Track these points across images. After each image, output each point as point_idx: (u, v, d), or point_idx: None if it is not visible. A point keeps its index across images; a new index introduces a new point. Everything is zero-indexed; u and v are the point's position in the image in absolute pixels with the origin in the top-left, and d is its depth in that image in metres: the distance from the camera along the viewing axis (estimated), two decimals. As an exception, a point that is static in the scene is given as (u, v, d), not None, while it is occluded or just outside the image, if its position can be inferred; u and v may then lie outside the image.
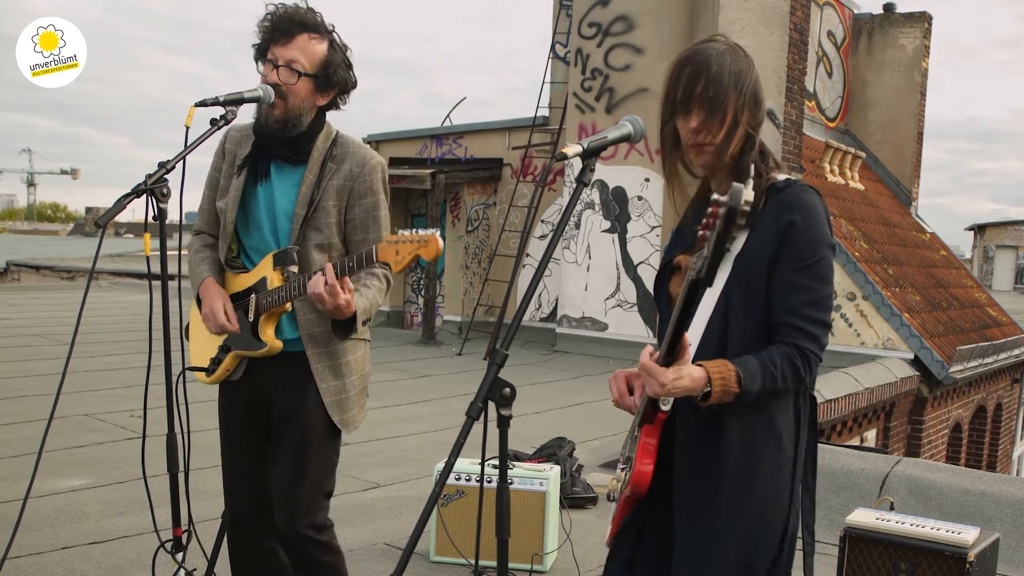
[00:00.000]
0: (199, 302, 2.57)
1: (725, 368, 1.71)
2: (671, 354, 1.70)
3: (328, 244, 2.49)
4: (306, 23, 2.44)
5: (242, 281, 2.53)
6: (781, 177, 1.87)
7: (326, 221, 2.47)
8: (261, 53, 2.47)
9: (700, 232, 1.48)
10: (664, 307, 1.98)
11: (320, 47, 2.45)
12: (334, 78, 2.47)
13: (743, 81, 1.83)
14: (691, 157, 1.89)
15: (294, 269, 2.41)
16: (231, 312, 2.48)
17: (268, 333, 2.47)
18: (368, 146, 2.61)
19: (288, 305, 2.45)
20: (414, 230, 2.26)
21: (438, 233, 2.25)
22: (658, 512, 1.96)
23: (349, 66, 2.53)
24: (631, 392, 1.94)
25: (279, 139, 2.48)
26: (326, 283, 2.25)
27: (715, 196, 1.42)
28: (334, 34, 2.50)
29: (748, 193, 1.41)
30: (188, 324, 2.70)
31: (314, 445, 2.53)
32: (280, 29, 2.42)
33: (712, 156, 1.86)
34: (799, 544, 1.95)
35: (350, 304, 2.29)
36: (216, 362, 2.56)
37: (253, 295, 2.48)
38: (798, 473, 1.89)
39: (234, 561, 2.71)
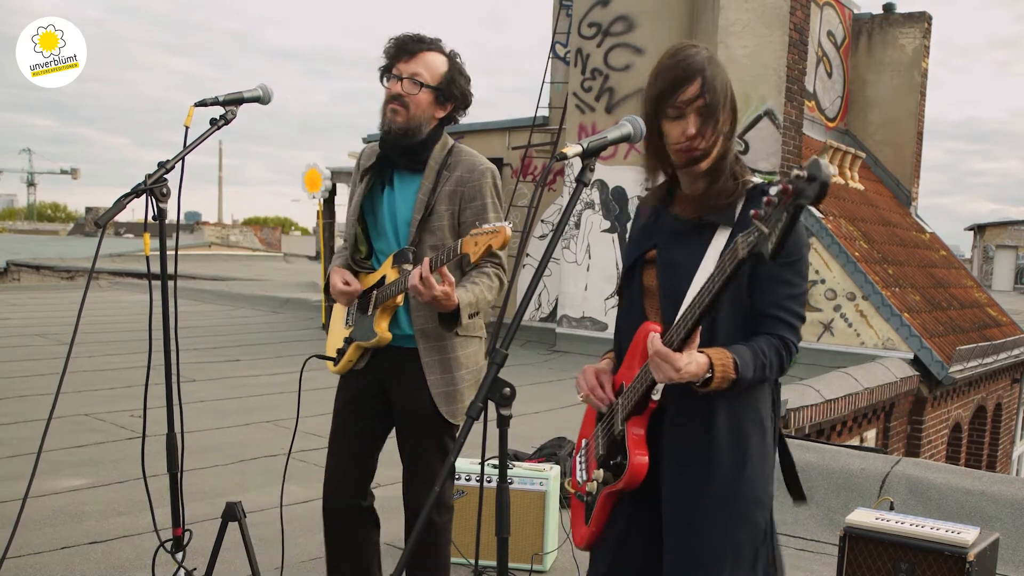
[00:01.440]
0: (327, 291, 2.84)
1: (724, 355, 1.76)
2: (686, 340, 1.73)
3: (442, 245, 2.68)
4: (428, 43, 2.69)
5: (369, 280, 2.79)
6: (757, 179, 1.95)
7: (439, 224, 2.68)
8: (387, 71, 2.69)
9: (754, 212, 1.50)
10: (635, 299, 2.02)
11: (441, 63, 2.68)
12: (454, 92, 2.70)
13: (728, 90, 1.93)
14: (679, 159, 1.94)
15: (408, 267, 2.63)
16: (351, 279, 2.75)
17: (381, 325, 2.71)
18: (480, 155, 2.80)
19: (400, 299, 2.68)
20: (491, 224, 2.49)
21: (508, 225, 2.45)
22: (642, 507, 1.98)
23: (468, 81, 2.75)
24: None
25: (399, 147, 2.70)
26: (421, 276, 2.44)
27: (796, 171, 1.43)
28: (455, 58, 2.72)
29: (831, 166, 1.41)
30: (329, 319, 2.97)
31: (429, 437, 2.76)
32: (404, 49, 2.67)
33: (697, 161, 1.93)
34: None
35: (448, 296, 2.48)
36: (341, 352, 2.80)
37: (374, 291, 2.74)
38: (774, 457, 1.97)
39: (327, 534, 2.93)
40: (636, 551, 2.01)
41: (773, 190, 1.46)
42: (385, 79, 2.69)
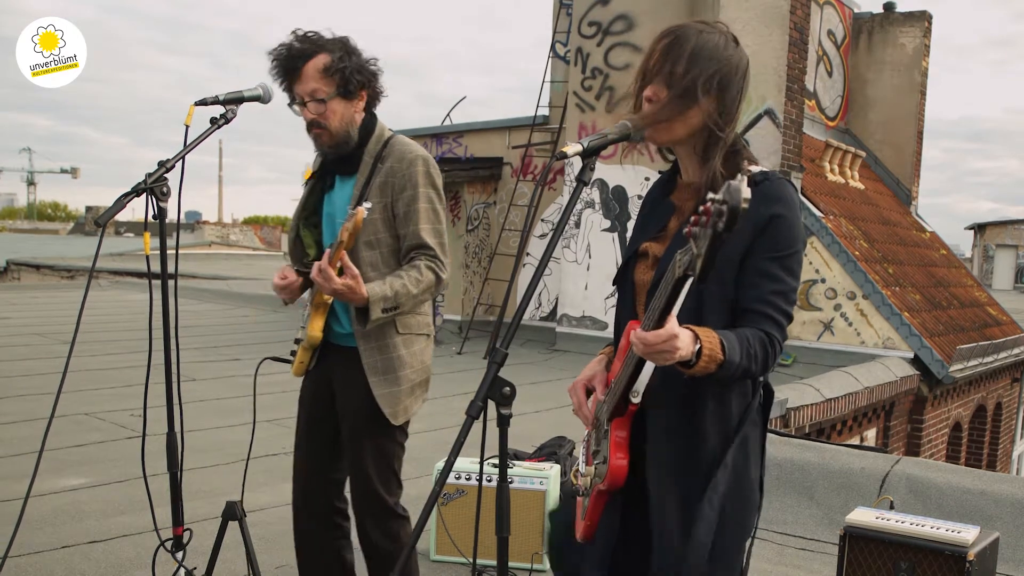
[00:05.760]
0: None
1: (711, 334, 1.65)
2: (660, 322, 1.61)
3: (376, 240, 2.61)
4: (305, 52, 2.54)
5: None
6: (756, 169, 1.86)
7: (370, 218, 2.56)
8: (289, 96, 2.59)
9: (687, 230, 1.44)
10: (627, 295, 1.96)
11: (326, 62, 2.53)
12: (354, 79, 2.57)
13: (711, 61, 1.80)
14: (646, 134, 1.85)
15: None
16: (288, 273, 2.67)
17: (314, 325, 2.64)
18: (415, 142, 2.68)
19: (327, 296, 2.58)
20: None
21: (365, 206, 2.40)
22: (635, 509, 1.95)
23: (359, 55, 2.59)
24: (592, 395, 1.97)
25: (335, 158, 2.65)
26: (320, 268, 2.40)
27: (711, 195, 1.38)
28: (335, 45, 2.56)
29: (747, 191, 1.37)
30: None
31: (368, 437, 2.65)
32: (287, 68, 2.55)
33: (662, 134, 1.84)
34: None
35: (352, 289, 2.42)
36: (294, 355, 2.74)
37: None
38: (761, 463, 1.89)
39: (296, 546, 2.85)
40: (631, 555, 1.99)
41: (703, 207, 1.40)
42: (292, 106, 2.59)
